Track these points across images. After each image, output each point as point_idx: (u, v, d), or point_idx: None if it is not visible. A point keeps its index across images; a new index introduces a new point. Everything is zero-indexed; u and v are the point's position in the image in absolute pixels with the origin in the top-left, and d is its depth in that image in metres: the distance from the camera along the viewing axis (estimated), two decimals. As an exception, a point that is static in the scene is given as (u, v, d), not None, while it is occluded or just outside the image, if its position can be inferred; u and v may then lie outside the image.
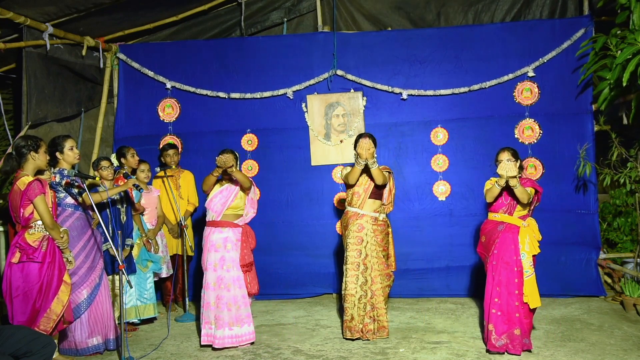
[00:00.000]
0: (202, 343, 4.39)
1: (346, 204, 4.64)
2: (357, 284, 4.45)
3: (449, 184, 5.97)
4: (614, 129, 5.53)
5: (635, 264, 5.44)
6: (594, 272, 5.71)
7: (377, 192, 4.55)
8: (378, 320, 4.48)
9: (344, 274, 4.51)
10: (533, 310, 4.11)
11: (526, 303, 4.04)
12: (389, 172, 4.60)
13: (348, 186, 4.62)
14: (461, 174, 5.97)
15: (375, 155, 4.45)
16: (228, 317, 4.34)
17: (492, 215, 4.26)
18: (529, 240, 4.06)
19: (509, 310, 4.05)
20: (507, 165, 3.95)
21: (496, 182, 4.04)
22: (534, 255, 4.08)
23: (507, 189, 4.09)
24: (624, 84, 4.57)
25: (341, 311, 4.72)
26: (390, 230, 4.65)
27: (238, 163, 4.53)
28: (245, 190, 4.52)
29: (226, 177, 4.51)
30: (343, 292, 4.50)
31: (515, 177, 3.92)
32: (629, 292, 5.15)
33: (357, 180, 4.51)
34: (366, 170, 4.44)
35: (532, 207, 4.21)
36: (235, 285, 4.40)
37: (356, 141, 4.47)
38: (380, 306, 4.48)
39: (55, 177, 4.16)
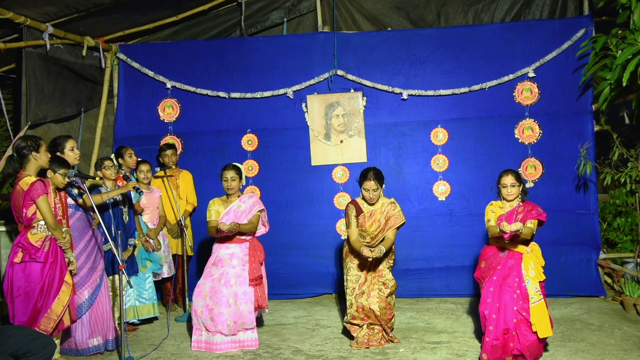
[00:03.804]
0: (192, 348, 4.38)
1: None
2: (359, 314, 4.31)
3: (449, 184, 5.97)
4: (614, 129, 5.54)
5: (635, 264, 5.44)
6: (594, 272, 5.71)
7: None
8: (384, 333, 4.38)
9: (346, 296, 4.41)
10: (543, 340, 3.84)
11: (535, 332, 3.76)
12: (400, 221, 4.32)
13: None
14: (461, 174, 5.97)
15: (383, 190, 4.36)
16: (227, 330, 4.30)
17: (493, 242, 4.04)
18: (533, 266, 3.85)
19: (504, 342, 3.79)
20: (509, 225, 3.75)
21: (500, 229, 3.80)
22: (540, 282, 3.85)
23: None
24: (624, 84, 4.58)
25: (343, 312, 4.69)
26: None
27: (243, 177, 4.56)
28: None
29: (233, 198, 4.54)
30: (346, 317, 4.39)
31: (518, 230, 3.73)
32: (629, 292, 5.15)
33: None
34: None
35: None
36: (240, 300, 4.32)
37: (361, 178, 4.32)
38: (387, 327, 4.34)
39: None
